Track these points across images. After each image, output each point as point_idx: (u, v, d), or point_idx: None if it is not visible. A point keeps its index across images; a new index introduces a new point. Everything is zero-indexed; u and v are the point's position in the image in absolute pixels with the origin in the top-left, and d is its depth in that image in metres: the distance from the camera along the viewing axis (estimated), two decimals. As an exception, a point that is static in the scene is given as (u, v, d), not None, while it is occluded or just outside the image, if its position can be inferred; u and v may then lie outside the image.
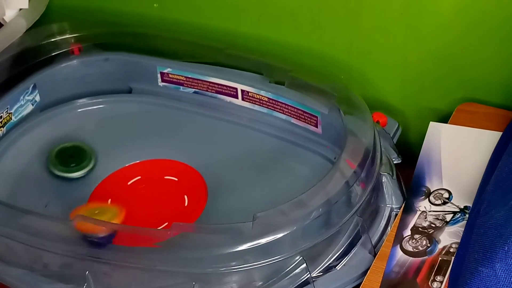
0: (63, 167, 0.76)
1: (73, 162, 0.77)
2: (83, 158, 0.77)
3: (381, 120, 0.74)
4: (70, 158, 0.77)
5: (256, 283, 0.59)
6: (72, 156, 0.77)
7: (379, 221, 0.66)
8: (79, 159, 0.77)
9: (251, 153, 0.77)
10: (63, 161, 0.77)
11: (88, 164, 0.77)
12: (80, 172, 0.76)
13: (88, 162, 0.77)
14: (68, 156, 0.78)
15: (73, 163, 0.77)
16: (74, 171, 0.76)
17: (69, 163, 0.77)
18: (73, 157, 0.77)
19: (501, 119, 0.72)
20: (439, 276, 0.58)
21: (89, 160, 0.77)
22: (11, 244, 0.62)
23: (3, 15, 0.83)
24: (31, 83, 0.82)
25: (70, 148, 0.79)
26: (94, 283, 0.60)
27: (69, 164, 0.77)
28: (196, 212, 0.71)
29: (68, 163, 0.77)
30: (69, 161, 0.77)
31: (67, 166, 0.76)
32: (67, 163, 0.77)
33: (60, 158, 0.77)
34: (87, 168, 0.77)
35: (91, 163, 0.77)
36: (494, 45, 0.71)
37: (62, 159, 0.77)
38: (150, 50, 0.85)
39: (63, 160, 0.77)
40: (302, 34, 0.81)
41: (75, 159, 0.77)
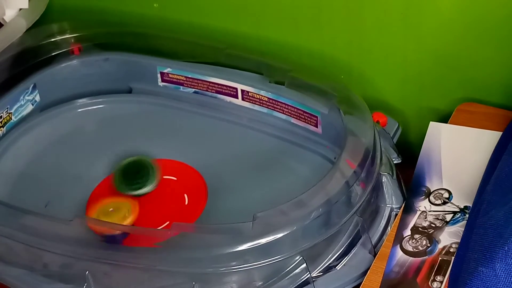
0: (130, 186, 0.73)
1: (139, 178, 0.73)
2: (147, 174, 0.74)
3: (381, 120, 0.74)
4: (136, 175, 0.73)
5: (256, 283, 0.59)
6: (137, 172, 0.74)
7: (379, 221, 0.66)
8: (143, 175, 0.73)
9: (251, 153, 0.77)
10: (128, 180, 0.73)
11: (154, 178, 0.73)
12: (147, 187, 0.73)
13: (153, 174, 0.73)
14: (134, 173, 0.74)
15: (139, 179, 0.73)
16: (141, 187, 0.73)
17: (135, 179, 0.73)
18: (138, 173, 0.74)
19: (501, 119, 0.72)
20: (439, 276, 0.58)
21: (153, 175, 0.73)
22: (11, 244, 0.62)
23: (3, 15, 0.83)
24: (31, 83, 0.82)
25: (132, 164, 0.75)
26: (94, 283, 0.60)
27: (136, 180, 0.73)
28: (196, 212, 0.71)
29: (134, 179, 0.73)
30: (135, 177, 0.73)
31: (133, 184, 0.73)
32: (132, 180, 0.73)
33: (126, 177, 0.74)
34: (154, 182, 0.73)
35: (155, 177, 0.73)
36: (494, 45, 0.71)
37: (127, 177, 0.73)
38: (150, 50, 0.85)
39: (128, 178, 0.73)
40: (302, 34, 0.81)
41: (140, 175, 0.73)
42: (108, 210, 0.68)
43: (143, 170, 0.74)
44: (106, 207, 0.69)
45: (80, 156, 0.79)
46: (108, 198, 0.71)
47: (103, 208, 0.69)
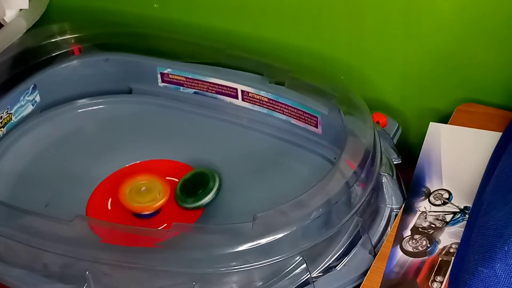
0: (192, 198, 0.72)
1: (200, 189, 0.72)
2: (207, 182, 0.73)
3: (381, 121, 0.74)
4: (196, 188, 0.73)
5: (256, 283, 0.59)
6: (196, 185, 0.73)
7: (379, 221, 0.66)
8: (203, 184, 0.73)
9: (251, 153, 0.77)
10: (189, 193, 0.72)
11: (214, 186, 0.72)
12: (209, 196, 0.72)
13: (213, 183, 0.73)
14: (192, 185, 0.73)
15: (200, 189, 0.72)
16: (203, 197, 0.72)
17: (196, 191, 0.72)
18: (197, 185, 0.73)
19: (501, 119, 0.72)
20: (439, 277, 0.58)
21: (214, 182, 0.73)
22: (11, 244, 0.62)
23: (3, 15, 0.83)
24: (31, 84, 0.82)
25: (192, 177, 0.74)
26: (94, 283, 0.60)
27: (197, 192, 0.72)
28: (196, 212, 0.71)
29: (195, 192, 0.72)
30: (195, 190, 0.72)
31: (195, 195, 0.72)
32: (194, 192, 0.72)
33: (186, 191, 0.73)
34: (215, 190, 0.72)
35: (216, 183, 0.73)
36: (494, 45, 0.71)
37: (187, 191, 0.73)
38: (150, 50, 0.85)
39: (189, 191, 0.73)
40: (302, 34, 0.81)
41: (200, 186, 0.73)
42: (140, 189, 0.70)
43: (202, 182, 0.73)
44: (139, 185, 0.71)
45: (80, 156, 0.79)
46: (143, 175, 0.72)
47: (136, 185, 0.70)
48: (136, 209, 0.70)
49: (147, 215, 0.70)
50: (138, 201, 0.70)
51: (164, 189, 0.70)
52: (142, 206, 0.69)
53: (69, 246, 0.60)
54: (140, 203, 0.69)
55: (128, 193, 0.70)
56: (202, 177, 0.74)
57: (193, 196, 0.72)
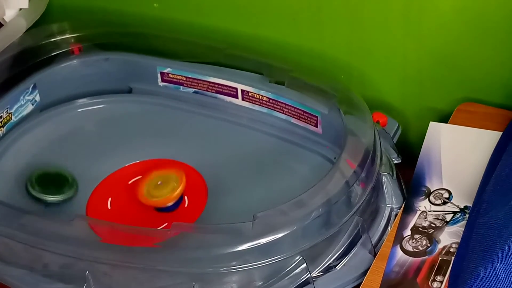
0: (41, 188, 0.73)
1: (52, 188, 0.73)
2: (63, 185, 0.74)
3: (381, 120, 0.74)
4: (50, 185, 0.74)
5: (256, 283, 0.59)
6: (53, 182, 0.74)
7: (379, 221, 0.66)
8: (59, 186, 0.74)
9: (251, 153, 0.77)
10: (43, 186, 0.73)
11: (68, 191, 0.74)
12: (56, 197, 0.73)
13: (68, 189, 0.74)
14: (49, 181, 0.74)
15: (53, 188, 0.73)
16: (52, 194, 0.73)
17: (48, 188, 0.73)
18: (53, 184, 0.74)
19: (501, 119, 0.72)
20: (439, 276, 0.58)
21: (70, 188, 0.74)
22: (11, 244, 0.62)
23: (3, 15, 0.83)
24: (31, 83, 0.82)
25: (51, 174, 0.75)
26: (94, 283, 0.60)
27: (48, 189, 0.73)
28: (196, 212, 0.71)
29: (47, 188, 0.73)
30: (49, 187, 0.73)
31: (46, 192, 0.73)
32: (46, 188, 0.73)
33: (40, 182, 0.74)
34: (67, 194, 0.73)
35: (71, 191, 0.74)
36: (494, 45, 0.71)
37: (42, 183, 0.74)
38: (150, 50, 0.85)
39: (43, 184, 0.74)
40: (302, 34, 0.81)
41: (55, 186, 0.74)
42: (157, 184, 0.70)
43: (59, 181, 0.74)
44: (154, 180, 0.71)
45: (80, 156, 0.79)
46: (153, 172, 0.72)
47: (152, 182, 0.71)
48: (158, 203, 0.70)
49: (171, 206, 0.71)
50: (158, 195, 0.70)
51: (179, 178, 0.70)
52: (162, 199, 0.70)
53: (69, 246, 0.60)
54: (160, 197, 0.70)
55: (146, 191, 0.70)
56: (61, 178, 0.75)
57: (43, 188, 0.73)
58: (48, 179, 0.74)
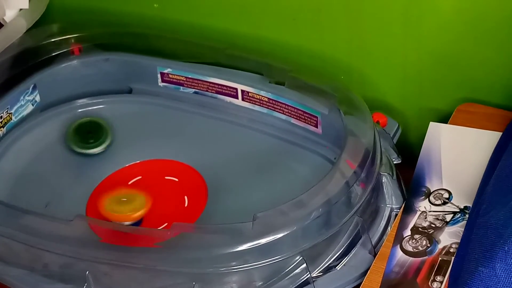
0: (82, 143, 0.79)
1: (91, 138, 0.79)
2: (101, 134, 0.79)
3: (381, 121, 0.74)
4: (88, 134, 0.79)
5: (256, 283, 0.59)
6: (90, 132, 0.79)
7: (379, 221, 0.66)
8: (96, 135, 0.79)
9: (251, 153, 0.77)
10: (82, 138, 0.79)
11: (106, 140, 0.79)
12: (99, 148, 0.79)
13: (105, 137, 0.79)
14: (86, 132, 0.79)
15: (92, 139, 0.79)
16: (92, 147, 0.78)
17: (88, 139, 0.79)
18: (91, 133, 0.79)
19: (501, 119, 0.72)
20: (439, 276, 0.58)
21: (106, 136, 0.79)
22: (11, 244, 0.62)
23: (3, 15, 0.83)
24: (31, 83, 0.82)
25: (87, 123, 0.81)
26: (94, 283, 0.60)
27: (88, 140, 0.79)
28: (196, 212, 0.71)
29: (87, 139, 0.79)
30: (88, 136, 0.79)
31: (86, 143, 0.79)
32: (85, 139, 0.79)
33: (79, 135, 0.79)
34: (105, 144, 0.79)
35: (108, 138, 0.79)
36: (494, 45, 0.71)
37: (80, 135, 0.79)
38: (150, 50, 0.85)
39: (81, 136, 0.79)
40: (302, 34, 0.81)
41: (93, 135, 0.79)
42: (120, 199, 0.70)
43: (96, 131, 0.79)
44: (120, 196, 0.70)
45: (80, 156, 0.79)
46: (123, 189, 0.73)
47: (117, 196, 0.70)
48: (115, 217, 0.68)
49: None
50: (118, 210, 0.68)
51: (145, 202, 0.69)
52: (121, 215, 0.68)
53: (69, 246, 0.60)
54: (119, 212, 0.68)
55: (108, 203, 0.69)
56: (96, 127, 0.80)
57: (84, 142, 0.78)
58: (84, 131, 0.80)
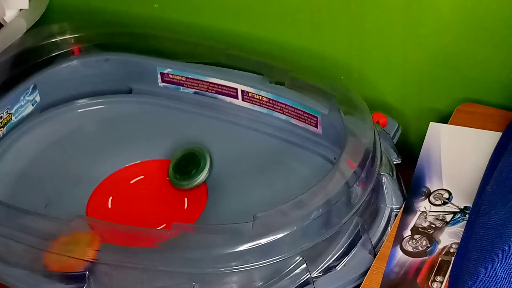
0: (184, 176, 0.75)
1: (192, 169, 0.75)
2: (199, 162, 0.76)
3: (381, 121, 0.74)
4: (187, 168, 0.75)
5: (256, 283, 0.59)
6: (188, 165, 0.76)
7: (379, 221, 0.66)
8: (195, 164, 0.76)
9: (251, 153, 0.77)
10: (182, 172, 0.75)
11: (205, 166, 0.75)
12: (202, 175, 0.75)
13: (204, 163, 0.75)
14: (184, 166, 0.76)
15: (193, 169, 0.75)
16: (195, 176, 0.75)
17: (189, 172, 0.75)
18: (189, 165, 0.76)
19: (501, 120, 0.72)
20: (439, 276, 0.58)
21: (205, 161, 0.75)
22: (11, 244, 0.62)
23: (3, 15, 0.84)
24: (31, 84, 0.82)
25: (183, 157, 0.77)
26: (94, 283, 0.60)
27: (190, 172, 0.75)
28: (196, 213, 0.71)
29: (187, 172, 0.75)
30: (187, 170, 0.75)
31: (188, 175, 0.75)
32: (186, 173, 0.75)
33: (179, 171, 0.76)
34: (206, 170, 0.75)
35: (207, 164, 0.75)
36: (494, 45, 0.71)
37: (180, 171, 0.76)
38: (150, 50, 0.85)
39: (181, 171, 0.75)
40: (302, 34, 0.81)
41: (192, 166, 0.75)
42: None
43: (194, 162, 0.76)
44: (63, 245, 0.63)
45: (80, 156, 0.79)
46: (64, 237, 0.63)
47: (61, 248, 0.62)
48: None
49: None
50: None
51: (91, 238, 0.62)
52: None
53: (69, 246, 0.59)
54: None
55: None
56: (193, 157, 0.75)
57: (186, 176, 0.74)
58: (183, 165, 0.76)
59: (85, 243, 0.60)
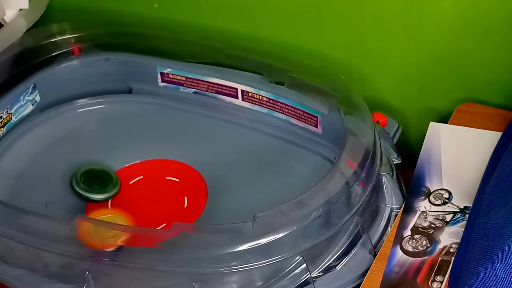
0: (85, 186, 0.73)
1: (96, 185, 0.74)
2: (108, 182, 0.74)
3: (381, 120, 0.74)
4: (94, 180, 0.74)
5: (256, 283, 0.59)
6: (97, 179, 0.74)
7: (379, 221, 0.66)
8: (103, 182, 0.74)
9: (251, 153, 0.77)
10: (87, 182, 0.74)
11: (112, 190, 0.74)
12: (102, 195, 0.73)
13: (113, 187, 0.74)
14: (92, 177, 0.74)
15: (97, 185, 0.74)
16: (97, 193, 0.73)
17: (93, 184, 0.74)
18: (98, 180, 0.74)
19: (501, 119, 0.72)
20: (439, 276, 0.58)
21: (114, 186, 0.74)
22: (11, 244, 0.62)
23: (3, 15, 0.83)
24: (31, 83, 0.82)
25: (96, 170, 0.76)
26: (94, 283, 0.60)
27: (93, 186, 0.74)
28: (196, 212, 0.71)
29: (92, 184, 0.74)
30: (93, 182, 0.74)
31: (90, 187, 0.74)
32: (91, 184, 0.74)
33: (85, 179, 0.74)
34: (110, 193, 0.74)
35: (115, 188, 0.74)
36: (494, 45, 0.71)
37: (86, 180, 0.74)
38: (150, 50, 0.85)
39: (87, 180, 0.74)
40: (302, 34, 0.81)
41: (100, 182, 0.74)
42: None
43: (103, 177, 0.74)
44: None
45: (80, 156, 0.79)
46: (99, 211, 0.71)
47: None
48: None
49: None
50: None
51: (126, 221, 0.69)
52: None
53: (69, 246, 0.60)
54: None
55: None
56: (105, 175, 0.75)
57: (89, 186, 0.73)
58: (92, 176, 0.75)
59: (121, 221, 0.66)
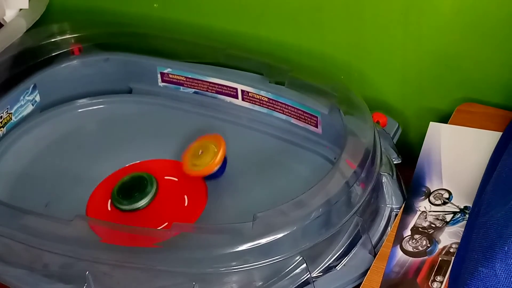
0: (127, 200, 0.72)
1: (136, 192, 0.73)
2: (145, 186, 0.74)
3: (381, 120, 0.74)
4: (132, 191, 0.73)
5: (256, 283, 0.59)
6: (133, 188, 0.74)
7: (379, 221, 0.66)
8: (139, 187, 0.73)
9: (251, 153, 0.77)
10: (126, 195, 0.73)
11: (151, 190, 0.73)
12: (145, 200, 0.72)
13: (151, 188, 0.73)
14: (129, 188, 0.74)
15: (136, 192, 0.73)
16: (138, 200, 0.72)
17: (133, 194, 0.73)
18: (134, 188, 0.73)
19: (501, 119, 0.72)
20: (439, 276, 0.58)
21: (151, 187, 0.73)
22: (11, 244, 0.62)
23: (3, 15, 0.84)
24: (31, 83, 0.82)
25: (129, 180, 0.75)
26: (94, 283, 0.60)
27: (133, 195, 0.73)
28: (196, 212, 0.71)
29: (131, 195, 0.73)
30: (131, 193, 0.73)
31: (131, 198, 0.73)
32: (130, 195, 0.73)
33: (122, 193, 0.73)
34: (151, 194, 0.73)
35: (153, 186, 0.74)
36: (494, 45, 0.71)
37: (124, 193, 0.73)
38: (150, 50, 0.85)
39: (125, 194, 0.73)
40: (302, 34, 0.81)
41: (136, 189, 0.73)
42: (198, 154, 0.72)
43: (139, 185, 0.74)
44: (195, 151, 0.73)
45: (80, 156, 0.79)
46: (194, 143, 0.74)
47: (193, 153, 0.73)
48: (204, 171, 0.72)
49: (217, 172, 0.72)
50: (201, 164, 0.72)
51: (218, 143, 0.72)
52: (206, 167, 0.71)
53: (69, 246, 0.60)
54: (203, 166, 0.72)
55: (190, 164, 0.72)
56: (140, 181, 0.74)
57: (128, 199, 0.72)
58: (127, 188, 0.74)
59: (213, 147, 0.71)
